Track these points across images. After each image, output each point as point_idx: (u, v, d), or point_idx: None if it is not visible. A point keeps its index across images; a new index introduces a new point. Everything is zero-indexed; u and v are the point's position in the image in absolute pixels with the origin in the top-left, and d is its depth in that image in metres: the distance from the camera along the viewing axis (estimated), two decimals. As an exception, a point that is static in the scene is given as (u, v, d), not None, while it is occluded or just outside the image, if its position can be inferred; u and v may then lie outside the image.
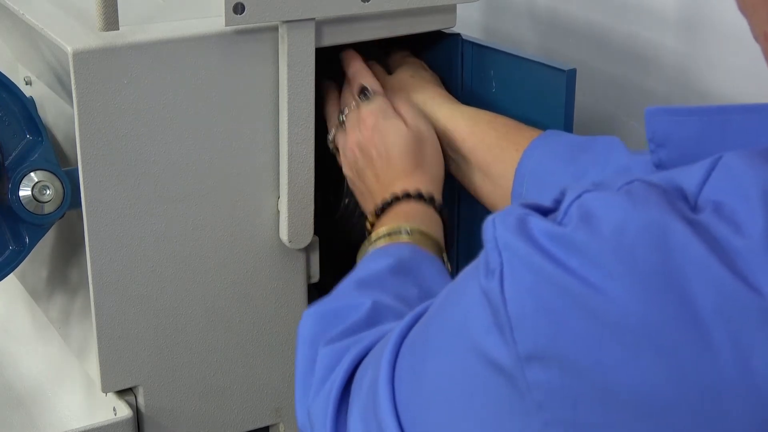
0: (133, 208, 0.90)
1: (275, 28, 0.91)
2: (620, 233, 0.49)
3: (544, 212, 0.53)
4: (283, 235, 0.97)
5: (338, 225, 1.11)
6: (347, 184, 1.06)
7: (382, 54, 1.07)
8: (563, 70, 0.90)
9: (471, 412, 0.54)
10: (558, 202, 0.54)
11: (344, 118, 0.98)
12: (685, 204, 0.50)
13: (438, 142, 0.96)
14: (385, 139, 0.94)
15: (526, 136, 0.92)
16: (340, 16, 0.93)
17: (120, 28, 0.87)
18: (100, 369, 0.94)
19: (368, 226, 0.92)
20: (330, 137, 1.00)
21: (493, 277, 0.51)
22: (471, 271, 0.55)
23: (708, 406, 0.47)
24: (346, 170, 0.99)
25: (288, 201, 0.95)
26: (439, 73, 1.04)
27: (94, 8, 0.86)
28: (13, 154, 0.93)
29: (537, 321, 0.49)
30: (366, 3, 0.93)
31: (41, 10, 0.95)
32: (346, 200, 1.07)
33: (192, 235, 0.94)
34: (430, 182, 0.93)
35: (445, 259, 0.88)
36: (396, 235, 0.87)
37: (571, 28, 1.19)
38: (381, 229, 0.88)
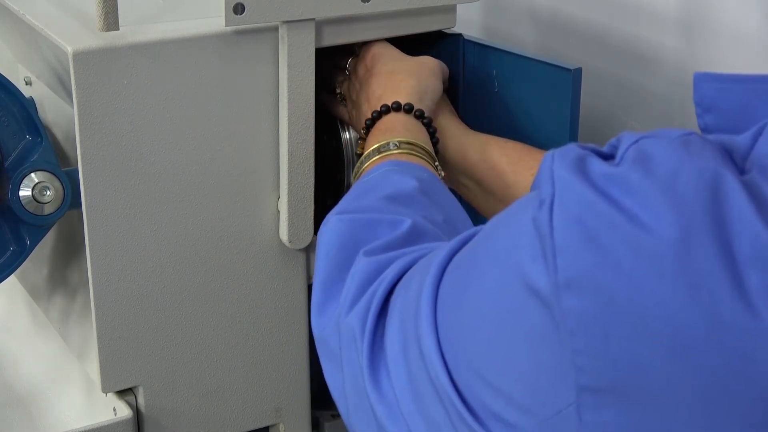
0: (133, 208, 0.90)
1: (275, 29, 0.91)
2: (674, 177, 0.51)
3: (602, 156, 0.55)
4: (283, 235, 0.97)
5: (338, 225, 1.11)
6: (347, 184, 1.06)
7: None
8: (569, 69, 0.90)
9: (506, 335, 0.56)
10: (614, 148, 0.55)
11: (349, 68, 1.00)
12: (734, 164, 0.53)
13: (438, 69, 0.98)
14: (385, 57, 0.97)
15: (537, 158, 0.92)
16: (340, 17, 0.93)
17: (120, 28, 0.87)
18: (100, 369, 0.94)
19: (360, 144, 0.95)
20: (338, 90, 1.02)
21: (543, 206, 0.53)
22: (524, 201, 0.57)
23: (735, 346, 0.48)
24: (349, 103, 1.00)
25: (288, 201, 0.95)
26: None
27: (94, 8, 0.86)
28: (13, 155, 0.93)
29: (580, 250, 0.51)
30: (366, 3, 0.93)
31: (41, 11, 0.95)
32: (346, 200, 1.08)
33: (192, 236, 0.94)
34: (417, 97, 0.94)
35: (439, 167, 0.90)
36: (385, 150, 0.89)
37: (571, 28, 1.19)
38: (371, 147, 0.90)
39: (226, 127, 0.92)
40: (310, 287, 1.01)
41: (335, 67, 1.03)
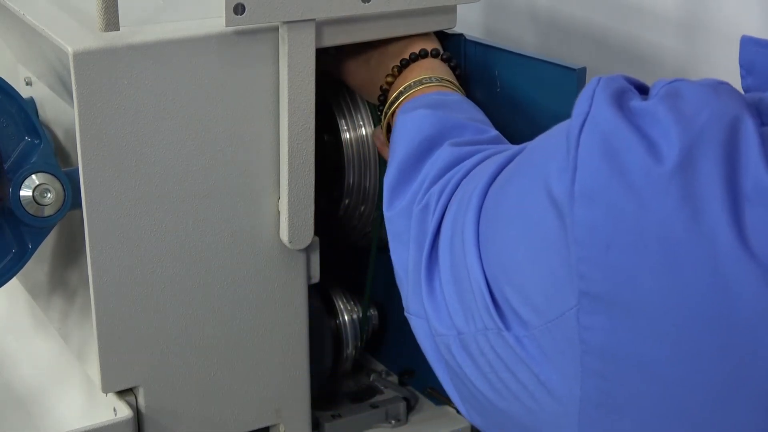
0: (133, 208, 0.91)
1: (275, 29, 0.91)
2: (697, 113, 0.55)
3: (643, 91, 0.60)
4: (284, 235, 0.97)
5: (338, 226, 1.11)
6: (348, 184, 1.06)
7: None
8: (574, 69, 0.90)
9: (527, 238, 0.61)
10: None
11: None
12: (758, 115, 0.56)
13: None
14: None
15: None
16: (340, 17, 0.93)
17: (120, 28, 0.87)
18: (101, 369, 0.94)
19: (381, 87, 0.96)
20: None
21: (576, 121, 0.58)
22: (565, 122, 0.61)
23: (724, 273, 0.52)
24: (364, 64, 1.01)
25: (288, 201, 0.95)
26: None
27: (94, 9, 0.86)
28: (13, 157, 0.93)
29: (599, 166, 0.55)
30: (366, 4, 0.93)
31: (42, 11, 0.95)
32: (347, 200, 1.08)
33: (192, 236, 0.94)
34: (430, 42, 0.98)
35: None
36: (427, 82, 0.92)
37: (572, 28, 1.20)
38: (412, 79, 0.92)
39: (226, 127, 0.92)
40: (310, 287, 1.02)
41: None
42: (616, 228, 0.54)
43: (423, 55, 0.95)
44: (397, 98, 0.92)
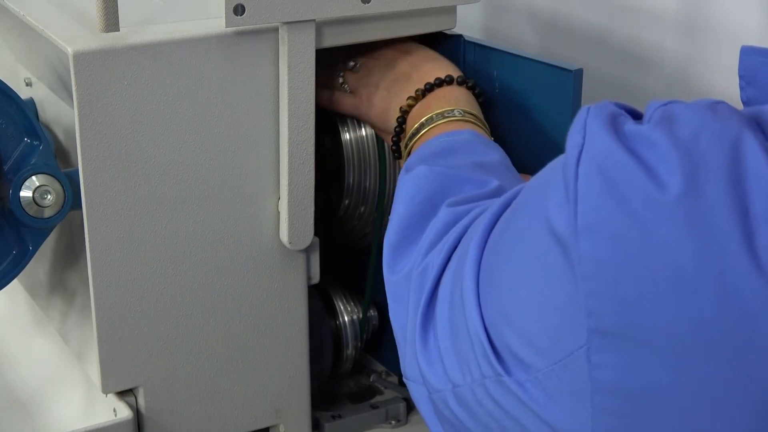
0: (133, 208, 0.91)
1: (275, 30, 0.91)
2: (696, 135, 0.53)
3: (635, 117, 0.59)
4: (284, 236, 0.97)
5: (338, 226, 1.11)
6: (347, 184, 1.06)
7: None
8: (570, 70, 0.90)
9: (529, 277, 0.60)
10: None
11: (355, 65, 1.01)
12: (759, 130, 0.54)
13: None
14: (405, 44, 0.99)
15: None
16: (340, 18, 0.93)
17: (120, 29, 0.87)
18: (101, 370, 0.94)
19: (401, 109, 0.95)
20: (341, 81, 1.01)
21: (572, 154, 0.56)
22: (560, 157, 0.59)
23: (739, 300, 0.50)
24: (363, 90, 1.00)
25: (288, 202, 0.95)
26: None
27: (94, 9, 0.86)
28: (12, 158, 0.93)
29: (600, 197, 0.54)
30: (366, 4, 0.93)
31: (42, 11, 0.95)
32: (347, 201, 1.08)
33: (192, 236, 0.94)
34: (454, 69, 0.97)
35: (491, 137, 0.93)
36: (450, 115, 0.91)
37: (571, 28, 1.20)
38: (434, 112, 0.91)
39: (226, 127, 0.92)
40: (310, 288, 1.02)
41: (331, 65, 1.02)
42: (623, 259, 0.53)
43: (448, 81, 0.94)
44: (419, 130, 0.91)
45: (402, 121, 0.94)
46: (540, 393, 0.59)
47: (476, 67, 1.00)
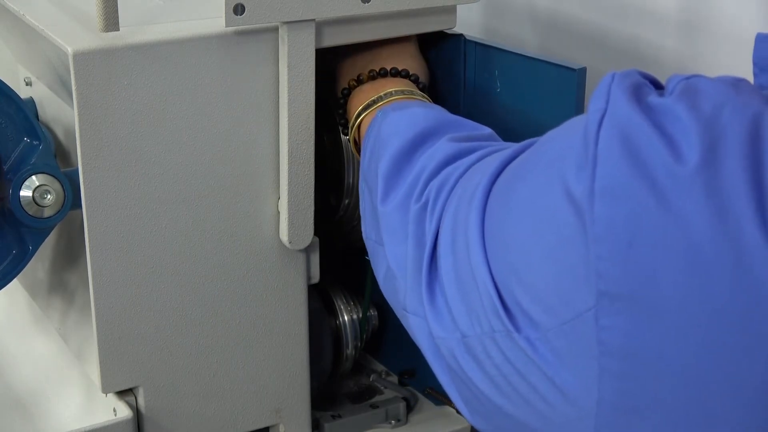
0: (133, 208, 0.91)
1: (275, 29, 0.91)
2: (718, 109, 0.54)
3: (657, 87, 0.60)
4: (284, 236, 0.97)
5: (338, 226, 1.11)
6: (347, 184, 1.06)
7: None
8: (573, 69, 0.90)
9: (542, 236, 0.60)
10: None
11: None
12: None
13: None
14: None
15: None
16: (340, 17, 0.93)
17: (120, 29, 0.87)
18: (100, 370, 0.94)
19: (358, 79, 0.96)
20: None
21: (594, 118, 0.56)
22: (580, 117, 0.60)
23: (751, 273, 0.51)
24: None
25: (288, 202, 0.95)
26: (442, 74, 1.03)
27: (94, 9, 0.86)
28: (12, 158, 0.93)
29: (619, 162, 0.54)
30: (366, 4, 0.93)
31: (42, 11, 0.95)
32: (346, 201, 1.08)
33: (192, 236, 0.94)
34: (420, 71, 0.98)
35: None
36: (410, 94, 0.92)
37: (571, 28, 1.20)
38: (391, 89, 0.93)
39: (226, 127, 0.92)
40: (310, 288, 1.02)
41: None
42: (639, 225, 0.53)
43: (404, 75, 0.96)
44: (375, 102, 0.92)
45: (355, 85, 0.96)
46: (548, 352, 0.59)
47: (478, 66, 1.00)
